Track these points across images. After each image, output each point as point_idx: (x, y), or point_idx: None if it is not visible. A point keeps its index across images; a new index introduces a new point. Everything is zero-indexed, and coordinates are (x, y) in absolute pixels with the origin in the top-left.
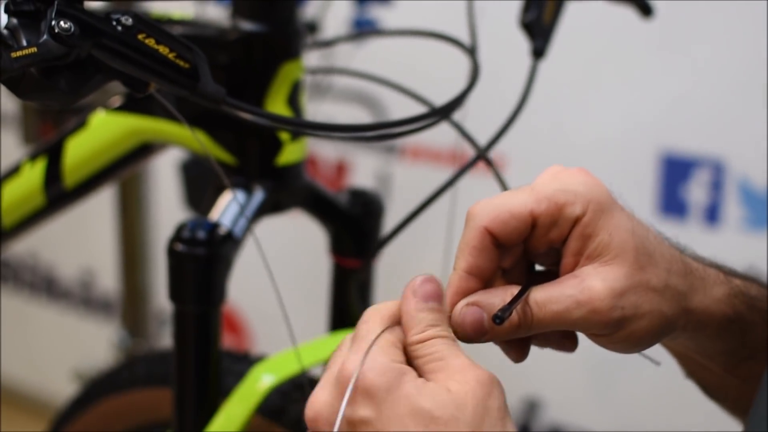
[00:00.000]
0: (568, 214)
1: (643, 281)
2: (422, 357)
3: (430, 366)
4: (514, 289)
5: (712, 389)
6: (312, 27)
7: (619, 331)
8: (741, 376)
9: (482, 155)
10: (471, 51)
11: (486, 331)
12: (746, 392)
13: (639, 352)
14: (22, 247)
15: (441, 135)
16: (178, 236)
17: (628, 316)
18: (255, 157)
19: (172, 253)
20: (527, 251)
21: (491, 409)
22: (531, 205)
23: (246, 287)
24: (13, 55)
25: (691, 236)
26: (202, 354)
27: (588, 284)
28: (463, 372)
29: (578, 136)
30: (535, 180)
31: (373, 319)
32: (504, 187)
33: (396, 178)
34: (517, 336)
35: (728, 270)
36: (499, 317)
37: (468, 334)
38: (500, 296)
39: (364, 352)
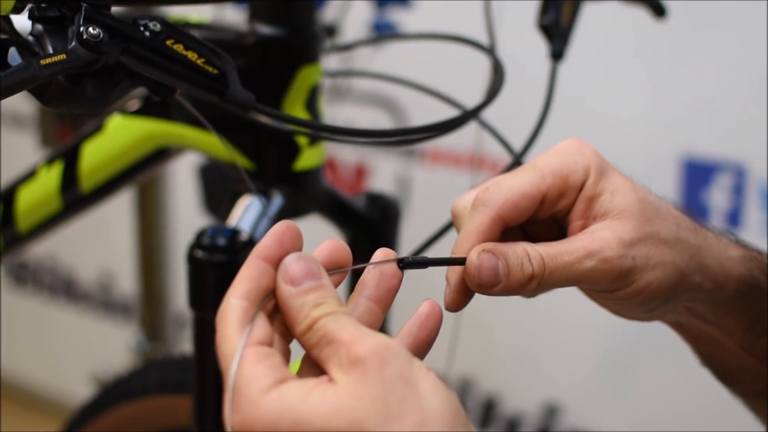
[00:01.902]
0: (573, 183)
1: (653, 233)
2: (313, 346)
3: (323, 354)
4: (524, 243)
5: (728, 371)
6: (331, 30)
7: (632, 283)
8: (758, 355)
9: (518, 160)
10: (491, 52)
11: (500, 279)
12: (763, 372)
13: (652, 312)
14: (41, 249)
15: (461, 139)
16: (198, 243)
17: (640, 266)
18: (273, 162)
19: (192, 260)
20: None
21: (389, 379)
22: (539, 183)
23: None
24: (43, 62)
25: None
26: None
27: (598, 235)
28: (349, 354)
29: (599, 139)
30: (533, 159)
31: (227, 334)
32: None
33: (416, 182)
34: (528, 289)
35: (742, 240)
36: (403, 263)
37: (483, 281)
38: (512, 247)
39: (233, 379)
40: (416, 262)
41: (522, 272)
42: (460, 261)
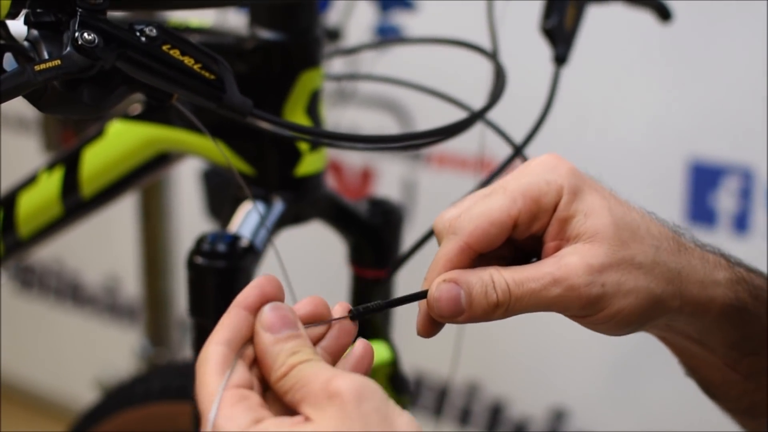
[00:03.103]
0: (545, 205)
1: (626, 257)
2: (288, 390)
3: (297, 396)
4: (492, 269)
5: (713, 386)
6: (335, 34)
7: (602, 310)
8: (743, 372)
9: (519, 152)
10: (493, 57)
11: (463, 309)
12: (749, 390)
13: (630, 333)
14: (48, 253)
15: (467, 142)
16: (197, 249)
17: (610, 293)
18: (274, 167)
19: (191, 266)
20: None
21: (367, 414)
22: (509, 208)
23: None
24: (37, 68)
25: (720, 244)
26: None
27: (565, 261)
28: (326, 389)
29: (606, 143)
30: (504, 178)
31: (207, 379)
32: None
33: (422, 186)
34: (495, 317)
35: (733, 258)
36: (353, 312)
37: (444, 313)
38: (477, 274)
39: (212, 422)
40: (368, 310)
41: (486, 300)
42: (421, 295)
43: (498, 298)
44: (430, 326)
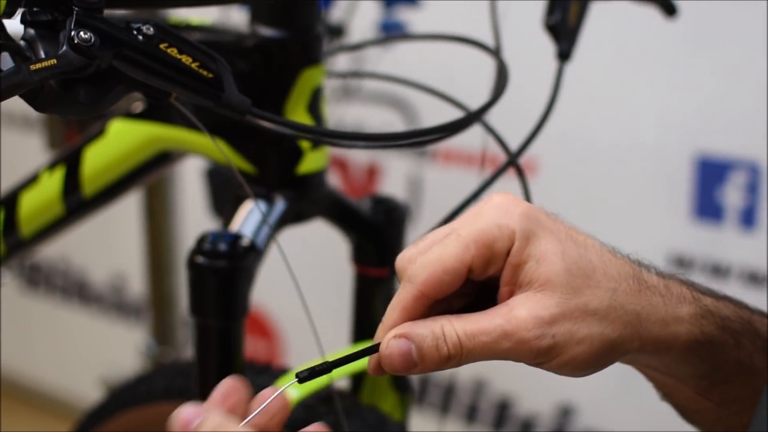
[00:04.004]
0: (498, 251)
1: (579, 305)
2: None
3: None
4: (444, 320)
5: (687, 412)
6: (338, 30)
7: (555, 358)
8: (715, 400)
9: (513, 161)
10: (496, 54)
11: (415, 363)
12: (722, 416)
13: (589, 375)
14: (54, 251)
15: (473, 138)
16: (198, 248)
17: (561, 343)
18: (275, 166)
19: (192, 265)
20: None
21: None
22: (462, 256)
23: (274, 291)
24: (33, 67)
25: (727, 239)
26: (224, 368)
27: (514, 314)
28: None
29: (612, 139)
30: (458, 221)
31: None
32: (528, 197)
33: (428, 182)
34: (448, 367)
35: (700, 288)
36: (299, 377)
37: (396, 368)
38: (429, 327)
39: None
40: (315, 373)
41: (438, 353)
42: (373, 349)
43: (449, 351)
44: (382, 371)
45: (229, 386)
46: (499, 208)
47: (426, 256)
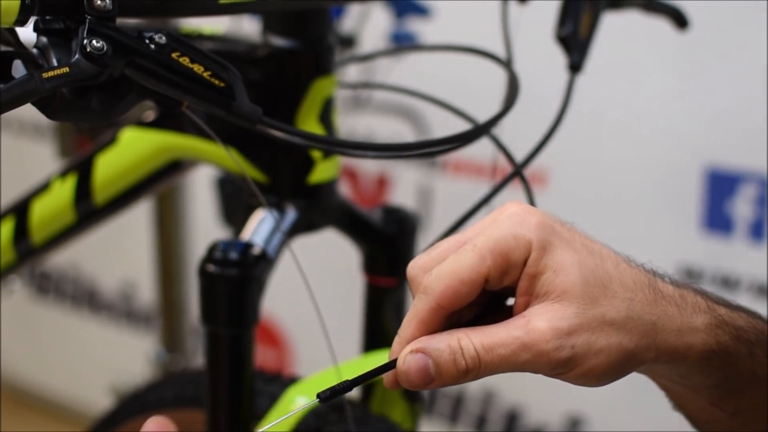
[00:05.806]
0: (514, 261)
1: (597, 315)
2: None
3: None
4: (461, 333)
5: (700, 423)
6: (350, 41)
7: (574, 368)
8: (727, 410)
9: (518, 172)
10: (507, 65)
11: (432, 378)
12: (735, 427)
13: (605, 385)
14: (64, 259)
15: (483, 149)
16: (210, 257)
17: (580, 354)
18: (287, 175)
19: (204, 274)
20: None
21: None
22: (478, 267)
23: (283, 301)
24: (45, 75)
25: (736, 251)
26: (235, 377)
27: (533, 325)
28: None
29: (621, 150)
30: (472, 230)
31: None
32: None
33: (438, 192)
34: (466, 381)
35: (714, 298)
36: (320, 397)
37: (413, 383)
38: (446, 341)
39: None
40: (336, 392)
41: (456, 368)
42: (390, 365)
43: (467, 365)
44: (398, 385)
45: (157, 423)
46: (514, 217)
47: (441, 267)
